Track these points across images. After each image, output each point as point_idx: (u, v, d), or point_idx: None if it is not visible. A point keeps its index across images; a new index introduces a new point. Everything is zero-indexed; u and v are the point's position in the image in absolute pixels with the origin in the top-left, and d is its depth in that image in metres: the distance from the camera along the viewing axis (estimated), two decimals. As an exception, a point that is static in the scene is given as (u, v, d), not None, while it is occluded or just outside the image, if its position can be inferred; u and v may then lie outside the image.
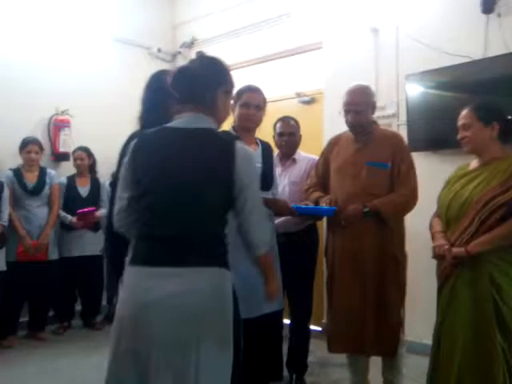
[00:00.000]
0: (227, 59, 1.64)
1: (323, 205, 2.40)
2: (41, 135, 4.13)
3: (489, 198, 1.85)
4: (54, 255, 3.89)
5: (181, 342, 1.39)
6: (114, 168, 4.32)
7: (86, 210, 3.98)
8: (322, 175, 2.61)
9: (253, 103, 2.27)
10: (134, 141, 1.58)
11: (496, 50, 3.08)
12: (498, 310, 1.81)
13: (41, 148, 3.89)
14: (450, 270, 1.95)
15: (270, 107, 2.88)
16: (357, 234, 2.34)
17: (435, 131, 3.27)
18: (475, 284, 1.88)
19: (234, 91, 2.06)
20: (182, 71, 1.58)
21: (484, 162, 1.98)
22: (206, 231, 1.48)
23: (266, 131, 2.67)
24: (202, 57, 1.69)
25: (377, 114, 2.71)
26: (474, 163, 2.05)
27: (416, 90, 3.40)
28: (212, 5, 4.78)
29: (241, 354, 1.57)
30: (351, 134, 2.50)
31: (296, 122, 3.04)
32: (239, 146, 1.51)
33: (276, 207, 1.91)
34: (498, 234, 1.82)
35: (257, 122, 2.31)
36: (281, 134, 2.98)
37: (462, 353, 1.86)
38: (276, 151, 3.07)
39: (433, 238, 2.08)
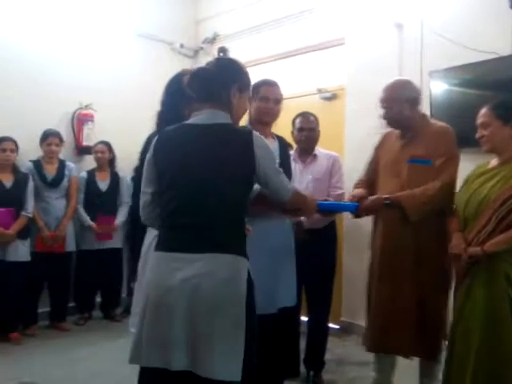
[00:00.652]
0: (249, 55, 1.68)
1: (347, 201, 2.39)
2: (64, 129, 4.20)
3: (506, 196, 1.82)
4: (71, 247, 3.95)
5: (197, 320, 1.51)
6: (135, 163, 4.39)
7: (106, 218, 4.07)
8: (370, 171, 2.58)
9: (271, 97, 2.26)
10: (156, 138, 1.68)
11: (524, 46, 3.01)
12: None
13: (61, 140, 3.95)
14: (466, 270, 1.92)
15: (290, 103, 2.88)
16: (395, 233, 2.31)
17: (459, 129, 3.16)
18: (491, 283, 1.85)
19: (251, 86, 2.09)
20: (197, 73, 1.69)
21: (503, 161, 1.95)
22: (225, 221, 1.58)
23: (283, 126, 2.65)
24: (217, 58, 1.79)
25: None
26: (493, 162, 2.02)
27: (440, 87, 3.34)
28: (234, 1, 4.78)
29: (255, 344, 1.58)
30: (398, 130, 2.46)
31: (315, 117, 3.03)
32: (256, 135, 1.61)
33: (305, 204, 1.89)
34: None
35: (274, 116, 2.30)
36: (300, 130, 2.97)
37: (477, 354, 1.84)
38: (294, 147, 3.07)
39: (450, 237, 2.04)
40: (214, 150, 1.57)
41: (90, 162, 4.34)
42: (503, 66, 3.04)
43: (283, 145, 2.39)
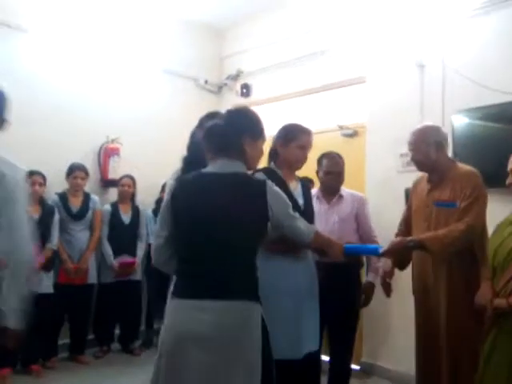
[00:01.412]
0: (271, 91, 1.76)
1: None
2: (91, 162, 4.32)
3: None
4: (93, 279, 4.00)
5: (211, 368, 1.52)
6: (157, 195, 4.45)
7: (128, 261, 4.13)
8: (406, 217, 2.64)
9: (309, 146, 2.33)
10: (175, 183, 1.75)
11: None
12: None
13: (86, 174, 4.06)
14: (493, 321, 1.88)
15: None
16: (427, 273, 2.36)
17: (482, 169, 3.17)
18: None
19: (290, 132, 2.26)
20: (210, 129, 1.79)
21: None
22: (237, 268, 1.62)
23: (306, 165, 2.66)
24: (228, 111, 1.88)
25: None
26: None
27: (463, 127, 3.35)
28: (258, 39, 4.91)
29: None
30: (427, 175, 2.52)
31: (342, 158, 3.00)
32: (269, 185, 1.71)
33: (330, 247, 1.92)
34: None
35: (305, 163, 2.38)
36: (328, 173, 2.93)
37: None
38: (317, 184, 3.08)
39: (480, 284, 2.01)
40: (228, 199, 1.64)
41: (112, 194, 4.43)
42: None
43: (306, 188, 2.42)
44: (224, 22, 5.09)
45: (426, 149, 2.40)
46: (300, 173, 2.47)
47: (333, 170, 2.92)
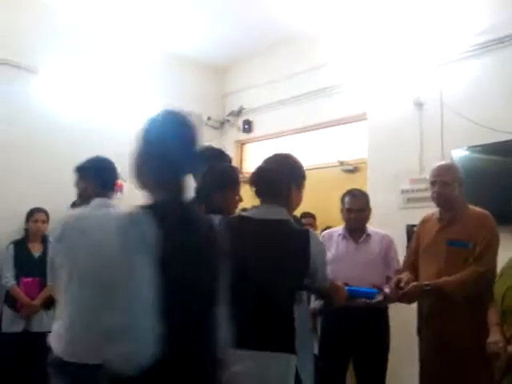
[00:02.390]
0: (273, 127, 1.79)
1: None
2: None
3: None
4: None
5: None
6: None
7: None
8: (413, 255, 2.59)
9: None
10: (220, 225, 1.66)
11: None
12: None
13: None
14: (506, 369, 1.84)
15: (313, 175, 2.85)
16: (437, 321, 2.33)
17: (483, 208, 3.19)
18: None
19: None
20: (260, 171, 1.79)
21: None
22: (274, 316, 1.60)
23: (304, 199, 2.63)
24: (275, 155, 1.86)
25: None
26: None
27: (462, 166, 3.36)
28: (260, 76, 5.00)
29: None
30: (438, 212, 2.49)
31: (365, 195, 2.96)
32: (312, 234, 1.70)
33: (337, 292, 1.90)
34: None
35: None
36: (349, 210, 2.87)
37: None
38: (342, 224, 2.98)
39: (489, 329, 1.98)
40: (272, 244, 1.63)
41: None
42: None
43: None
44: (226, 60, 5.20)
45: (453, 186, 2.40)
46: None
47: (353, 208, 2.85)
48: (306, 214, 4.13)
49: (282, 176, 1.74)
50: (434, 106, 3.64)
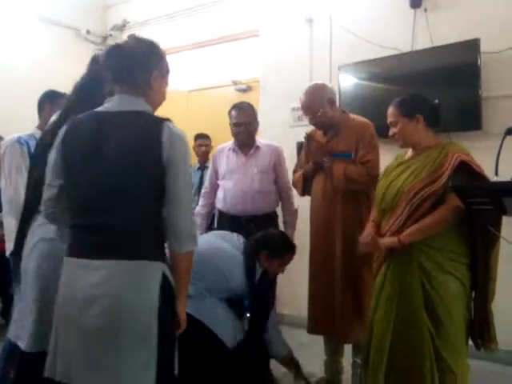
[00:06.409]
0: (161, 43, 1.59)
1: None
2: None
3: (418, 188, 1.90)
4: None
5: (101, 332, 1.38)
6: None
7: None
8: (302, 166, 2.67)
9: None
10: (64, 127, 1.52)
11: (423, 43, 3.22)
12: (426, 295, 1.88)
13: None
14: (383, 260, 2.02)
15: (207, 94, 2.79)
16: (326, 203, 2.49)
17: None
18: (404, 272, 1.94)
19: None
20: (117, 47, 1.51)
21: (416, 153, 2.05)
22: (134, 221, 1.42)
23: (197, 117, 2.58)
24: (138, 37, 1.57)
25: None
26: (409, 152, 2.11)
27: (348, 81, 3.49)
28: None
29: (172, 358, 1.49)
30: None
31: (252, 108, 2.93)
32: (167, 125, 1.45)
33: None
34: (428, 223, 1.88)
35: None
36: (237, 125, 2.84)
37: (393, 337, 1.94)
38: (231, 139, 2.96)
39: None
40: (124, 139, 1.42)
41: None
42: (404, 61, 3.25)
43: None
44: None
45: (323, 109, 2.44)
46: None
47: (241, 122, 2.84)
48: (200, 135, 4.06)
49: (143, 56, 1.49)
50: (324, 23, 3.66)
